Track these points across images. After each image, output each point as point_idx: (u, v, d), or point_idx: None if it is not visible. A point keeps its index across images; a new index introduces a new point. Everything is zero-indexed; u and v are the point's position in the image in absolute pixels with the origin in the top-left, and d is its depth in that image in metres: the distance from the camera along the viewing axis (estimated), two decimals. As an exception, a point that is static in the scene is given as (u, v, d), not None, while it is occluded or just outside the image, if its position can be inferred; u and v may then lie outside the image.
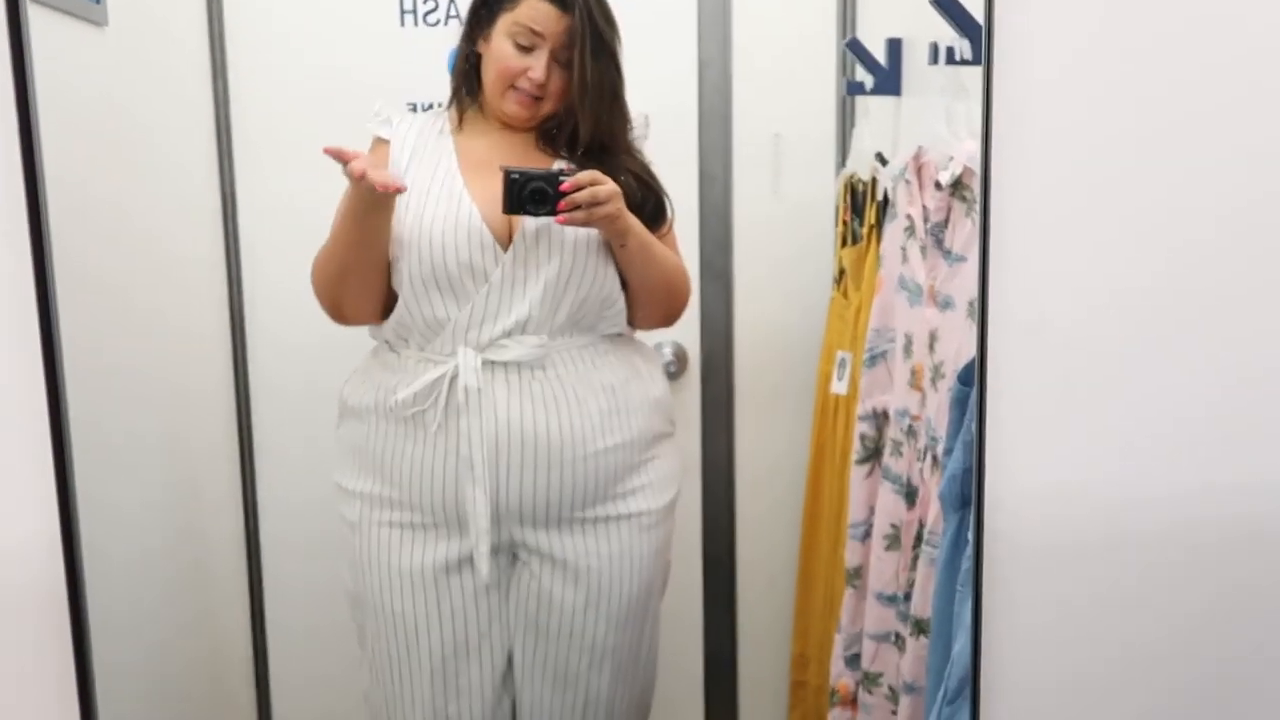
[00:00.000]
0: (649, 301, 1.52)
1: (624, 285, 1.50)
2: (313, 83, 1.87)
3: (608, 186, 1.39)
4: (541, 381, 1.45)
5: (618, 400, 1.49)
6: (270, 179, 1.90)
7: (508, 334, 1.43)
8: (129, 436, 1.66)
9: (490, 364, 1.43)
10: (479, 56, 1.50)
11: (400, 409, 1.45)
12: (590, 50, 1.44)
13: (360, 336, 1.82)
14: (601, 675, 1.53)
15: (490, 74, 1.48)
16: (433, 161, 1.48)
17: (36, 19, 1.36)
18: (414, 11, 1.87)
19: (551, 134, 1.51)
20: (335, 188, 1.89)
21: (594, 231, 1.44)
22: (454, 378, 1.43)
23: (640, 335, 1.62)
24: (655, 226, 1.50)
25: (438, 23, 1.89)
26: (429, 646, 1.49)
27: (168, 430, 1.81)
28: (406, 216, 1.44)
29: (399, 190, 1.39)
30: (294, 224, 1.91)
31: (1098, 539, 0.96)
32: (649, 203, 1.50)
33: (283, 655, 2.04)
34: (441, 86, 1.90)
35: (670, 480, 1.57)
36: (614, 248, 1.46)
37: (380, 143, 1.52)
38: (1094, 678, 0.99)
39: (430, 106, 1.91)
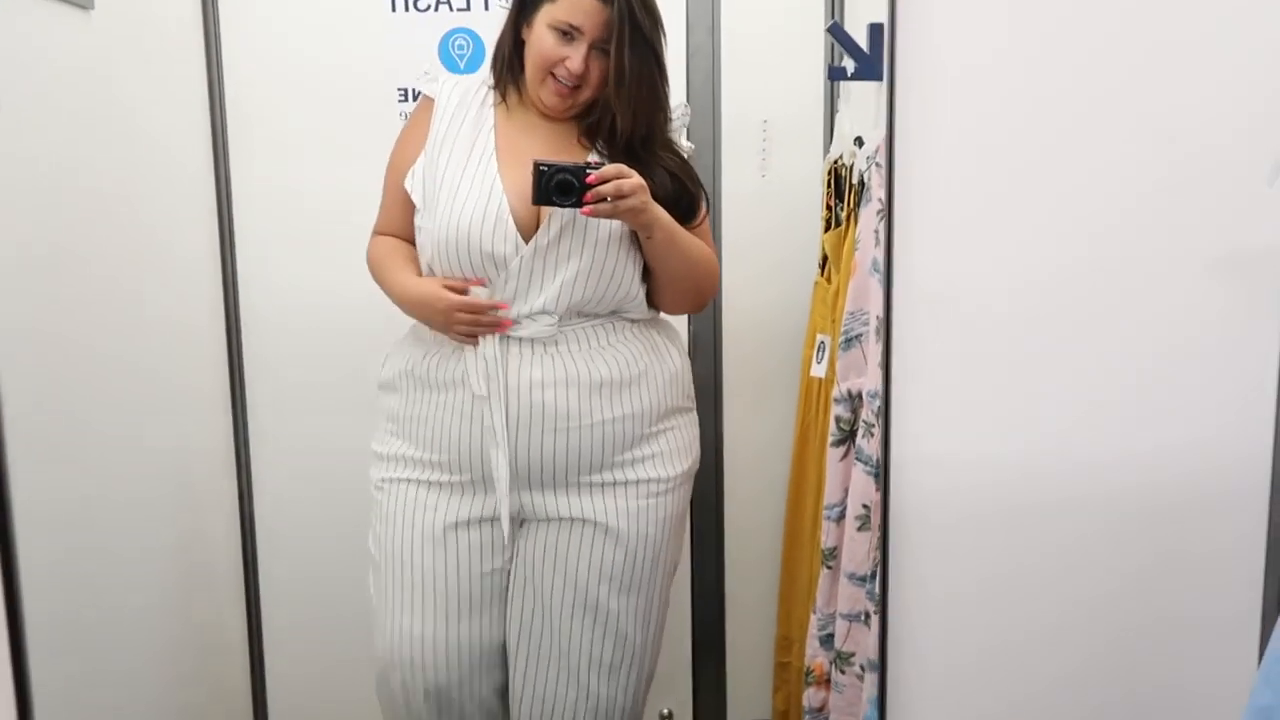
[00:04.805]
0: (674, 290, 1.57)
1: (649, 273, 1.53)
2: (305, 67, 1.90)
3: (633, 180, 1.42)
4: (554, 356, 1.50)
5: (629, 373, 1.53)
6: (265, 164, 1.93)
7: (524, 317, 1.48)
8: (123, 432, 1.70)
9: (507, 339, 1.49)
10: (523, 43, 1.53)
11: (428, 377, 1.52)
12: (629, 42, 1.46)
13: (359, 323, 1.86)
14: (604, 641, 1.55)
15: (531, 62, 1.51)
16: (471, 135, 1.52)
17: (18, 1, 1.41)
18: (405, -4, 1.90)
19: (593, 127, 1.53)
20: (328, 173, 1.92)
21: (619, 231, 1.48)
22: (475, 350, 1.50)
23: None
24: (688, 221, 1.53)
25: (428, 8, 1.91)
26: (434, 597, 1.54)
27: (161, 425, 1.84)
28: (440, 199, 1.49)
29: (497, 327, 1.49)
30: (289, 210, 1.95)
31: (1001, 508, 0.97)
32: (683, 199, 1.53)
33: (278, 650, 2.08)
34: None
35: (683, 451, 1.60)
36: (640, 239, 1.49)
37: (426, 100, 1.57)
38: (999, 643, 1.00)
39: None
